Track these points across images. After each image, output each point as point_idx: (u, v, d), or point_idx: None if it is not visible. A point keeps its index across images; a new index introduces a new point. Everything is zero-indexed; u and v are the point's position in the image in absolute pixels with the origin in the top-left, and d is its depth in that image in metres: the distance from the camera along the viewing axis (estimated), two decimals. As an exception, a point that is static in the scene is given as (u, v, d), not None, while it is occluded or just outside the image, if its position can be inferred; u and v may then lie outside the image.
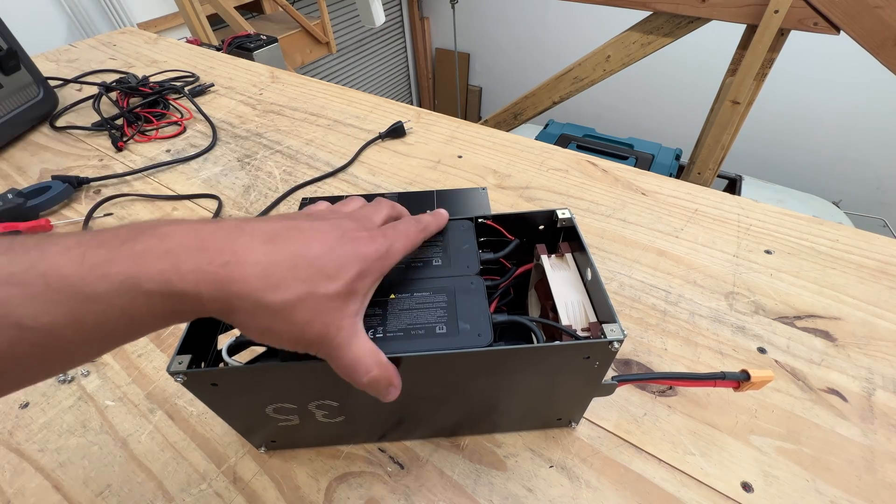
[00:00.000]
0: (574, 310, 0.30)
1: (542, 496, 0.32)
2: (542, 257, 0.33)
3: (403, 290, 0.28)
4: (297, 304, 0.21)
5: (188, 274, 0.19)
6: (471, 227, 0.32)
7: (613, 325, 0.26)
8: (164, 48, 1.03)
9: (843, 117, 2.42)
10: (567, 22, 2.99)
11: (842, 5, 1.05)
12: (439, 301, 0.27)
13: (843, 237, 0.49)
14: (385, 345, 0.25)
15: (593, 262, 0.29)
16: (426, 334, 0.26)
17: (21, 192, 0.57)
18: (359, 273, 0.23)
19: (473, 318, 0.26)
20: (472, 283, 0.28)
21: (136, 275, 0.18)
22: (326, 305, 0.22)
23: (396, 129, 0.69)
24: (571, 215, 0.33)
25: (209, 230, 0.21)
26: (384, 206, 0.29)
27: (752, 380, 0.26)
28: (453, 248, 0.31)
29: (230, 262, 0.20)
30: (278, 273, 0.21)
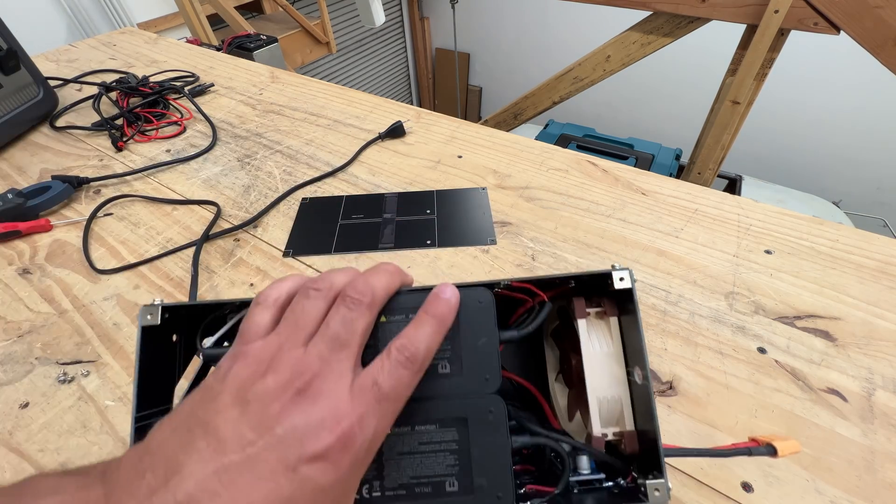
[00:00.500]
0: (609, 408, 0.24)
1: (542, 496, 0.32)
2: (578, 323, 0.25)
3: (401, 420, 0.21)
4: None
5: None
6: (490, 305, 0.23)
7: (659, 481, 0.21)
8: (164, 48, 1.03)
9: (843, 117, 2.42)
10: (567, 22, 2.99)
11: (842, 5, 1.05)
12: (448, 440, 0.22)
13: (843, 237, 0.49)
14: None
15: (648, 365, 0.23)
16: (433, 493, 0.21)
17: (21, 192, 0.57)
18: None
19: (492, 471, 0.21)
20: (490, 412, 0.22)
21: None
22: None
23: (396, 129, 0.69)
24: (632, 283, 0.23)
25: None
26: (361, 318, 0.20)
27: (778, 455, 0.22)
28: (466, 342, 0.23)
29: None
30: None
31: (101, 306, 0.47)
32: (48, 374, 0.41)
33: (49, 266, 0.52)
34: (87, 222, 0.56)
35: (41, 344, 0.44)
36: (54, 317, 0.46)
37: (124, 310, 0.46)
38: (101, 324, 0.45)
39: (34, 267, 0.52)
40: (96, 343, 0.43)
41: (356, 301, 0.20)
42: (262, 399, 0.17)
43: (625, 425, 0.23)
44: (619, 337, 0.25)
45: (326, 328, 0.20)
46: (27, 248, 0.54)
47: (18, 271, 0.51)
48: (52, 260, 0.52)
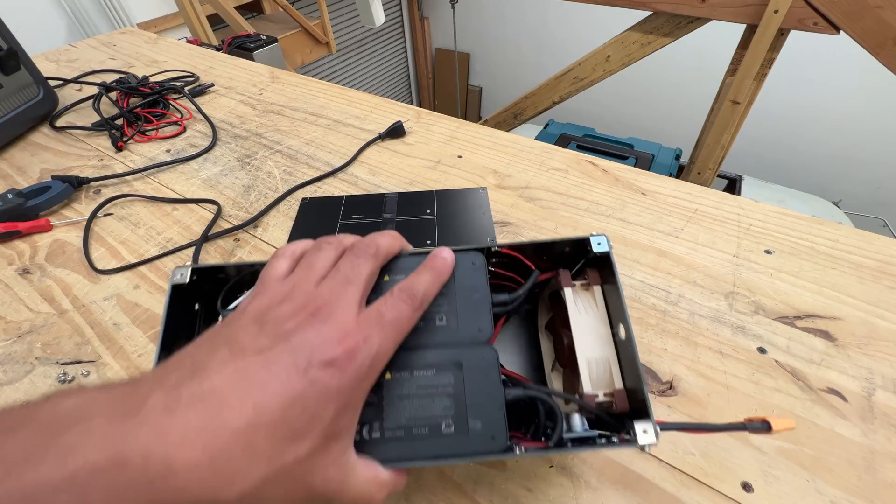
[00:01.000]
0: (598, 370, 0.25)
1: (542, 496, 0.32)
2: (565, 291, 0.27)
3: (402, 365, 0.23)
4: (264, 486, 0.17)
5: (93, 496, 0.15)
6: (482, 267, 0.26)
7: (647, 423, 0.22)
8: (164, 48, 1.03)
9: (843, 117, 2.42)
10: (567, 22, 2.99)
11: (842, 5, 1.05)
12: (445, 384, 0.23)
13: (843, 237, 0.49)
14: (384, 448, 0.22)
15: (629, 321, 0.25)
16: (430, 434, 0.22)
17: (21, 192, 0.57)
18: (337, 412, 0.19)
19: (486, 413, 0.22)
20: (483, 358, 0.24)
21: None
22: (303, 468, 0.18)
23: (396, 129, 0.69)
24: (609, 247, 0.27)
25: (124, 426, 0.16)
26: (365, 263, 0.23)
27: (773, 431, 0.23)
28: (461, 298, 0.25)
29: (156, 477, 0.15)
30: (228, 462, 0.16)
31: (101, 306, 0.47)
32: (48, 374, 0.41)
33: (49, 266, 0.52)
34: (87, 222, 0.56)
35: (41, 344, 0.44)
36: (54, 317, 0.46)
37: (124, 310, 0.46)
38: (101, 324, 0.45)
39: (34, 267, 0.52)
40: (96, 343, 0.43)
41: (363, 251, 0.23)
42: (278, 319, 0.20)
43: (614, 386, 0.25)
44: (604, 304, 0.27)
45: (336, 271, 0.22)
46: (27, 248, 0.54)
47: (18, 271, 0.51)
48: (52, 260, 0.52)
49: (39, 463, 0.15)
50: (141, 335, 0.44)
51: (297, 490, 0.18)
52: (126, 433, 0.16)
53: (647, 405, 0.22)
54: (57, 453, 0.15)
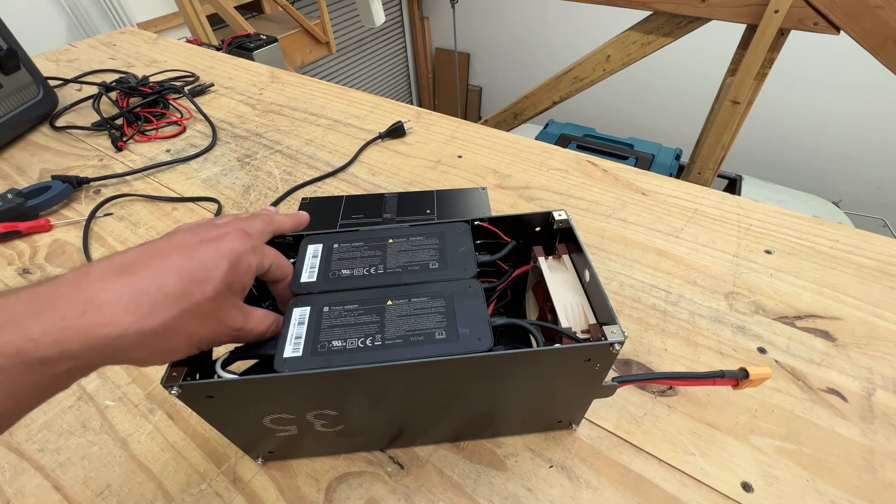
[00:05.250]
0: (573, 312, 0.29)
1: (542, 496, 0.32)
2: (539, 259, 0.33)
3: (401, 295, 0.28)
4: (181, 317, 0.21)
5: (42, 338, 0.18)
6: (467, 230, 0.32)
7: (614, 326, 0.25)
8: (164, 48, 1.03)
9: (843, 117, 2.42)
10: (567, 22, 2.99)
11: (842, 5, 1.05)
12: (437, 306, 0.27)
13: (843, 237, 0.49)
14: (384, 352, 0.25)
15: (591, 264, 0.29)
16: (425, 340, 0.25)
17: (21, 192, 0.57)
18: (231, 266, 0.24)
19: (473, 323, 0.26)
20: (469, 287, 0.28)
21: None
22: (210, 306, 0.23)
23: (396, 128, 0.69)
24: (568, 217, 0.32)
25: (51, 288, 0.20)
26: (255, 217, 0.29)
27: (750, 377, 0.26)
28: (450, 251, 0.31)
29: (86, 310, 0.19)
30: (147, 298, 0.21)
31: (101, 306, 0.47)
32: (48, 374, 0.41)
33: (49, 266, 0.52)
34: (86, 222, 0.56)
35: (41, 344, 0.44)
36: None
37: (124, 310, 0.46)
38: (101, 324, 0.45)
39: (34, 267, 0.52)
40: (96, 343, 0.43)
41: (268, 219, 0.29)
42: (178, 231, 0.26)
43: (588, 322, 0.29)
44: (574, 268, 0.32)
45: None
46: (27, 248, 0.54)
47: (18, 271, 0.51)
48: (51, 260, 0.52)
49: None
50: (141, 335, 0.44)
51: (210, 324, 0.23)
52: (54, 289, 0.20)
53: (613, 315, 0.26)
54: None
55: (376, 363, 0.24)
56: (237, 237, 0.25)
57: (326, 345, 0.25)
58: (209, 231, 0.25)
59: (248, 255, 0.25)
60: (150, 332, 0.20)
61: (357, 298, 0.28)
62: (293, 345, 0.25)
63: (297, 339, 0.26)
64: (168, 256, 0.22)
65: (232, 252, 0.24)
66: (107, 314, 0.19)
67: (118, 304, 0.20)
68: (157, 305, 0.21)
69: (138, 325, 0.20)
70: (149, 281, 0.21)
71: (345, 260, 0.30)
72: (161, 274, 0.21)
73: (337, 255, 0.31)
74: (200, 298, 0.22)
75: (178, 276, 0.22)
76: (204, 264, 0.23)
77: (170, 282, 0.21)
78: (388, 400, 0.29)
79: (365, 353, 0.25)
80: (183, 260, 0.22)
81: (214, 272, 0.23)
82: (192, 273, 0.22)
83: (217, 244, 0.24)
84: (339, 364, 0.24)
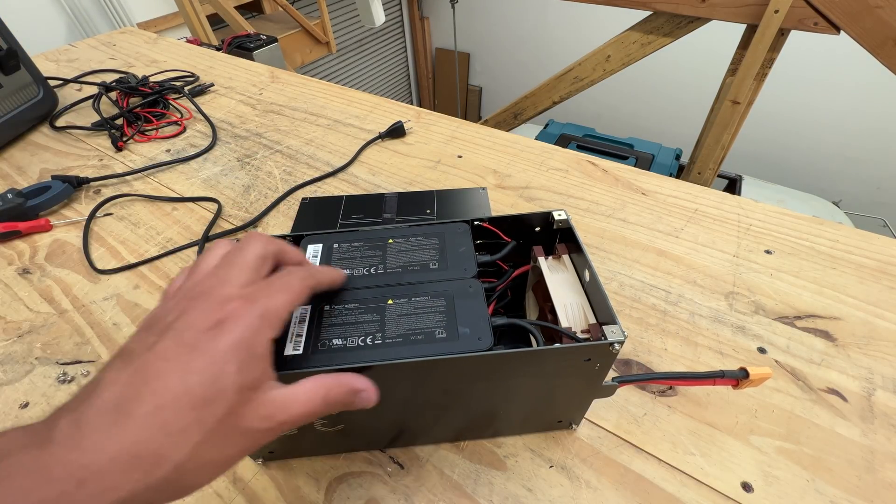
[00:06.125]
0: (573, 311, 0.29)
1: (542, 496, 0.32)
2: (539, 259, 0.33)
3: (401, 295, 0.28)
4: (195, 452, 0.18)
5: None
6: (467, 230, 0.32)
7: (614, 326, 0.25)
8: (164, 48, 1.03)
9: (843, 117, 2.42)
10: (567, 22, 2.99)
11: (842, 5, 1.05)
12: (438, 305, 0.27)
13: (843, 237, 0.49)
14: (384, 351, 0.25)
15: (591, 264, 0.29)
16: (425, 339, 0.25)
17: (21, 192, 0.57)
18: (241, 365, 0.19)
19: (473, 322, 0.26)
20: (470, 287, 0.28)
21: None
22: (228, 424, 0.19)
23: (396, 128, 0.69)
24: (568, 217, 0.32)
25: (45, 451, 0.17)
26: (250, 248, 0.23)
27: (750, 377, 0.26)
28: (450, 251, 0.31)
29: (85, 479, 0.16)
30: (151, 447, 0.17)
31: (101, 306, 0.47)
32: (48, 374, 0.41)
33: (49, 266, 0.52)
34: (86, 222, 0.56)
35: (41, 344, 0.44)
36: (54, 317, 0.46)
37: (124, 310, 0.46)
38: (101, 324, 0.45)
39: (34, 267, 0.52)
40: (96, 343, 0.43)
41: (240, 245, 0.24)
42: (159, 317, 0.21)
43: (588, 322, 0.28)
44: (573, 268, 0.32)
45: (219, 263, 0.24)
46: (27, 248, 0.54)
47: (18, 271, 0.51)
48: (51, 260, 0.52)
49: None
50: (141, 335, 0.44)
51: (238, 441, 0.19)
52: (45, 457, 0.16)
53: (613, 315, 0.26)
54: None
55: (376, 362, 0.24)
56: (238, 318, 0.20)
57: (327, 343, 0.25)
58: (198, 321, 0.20)
59: (261, 335, 0.20)
60: (163, 481, 0.17)
61: (357, 298, 0.28)
62: (294, 343, 0.25)
63: (298, 337, 0.26)
64: (161, 378, 0.18)
65: (237, 346, 0.19)
66: (107, 480, 0.16)
67: (117, 464, 0.17)
68: (162, 450, 0.17)
69: (146, 482, 0.17)
70: (147, 423, 0.17)
71: (345, 260, 0.30)
72: (159, 409, 0.18)
73: (337, 255, 0.31)
74: (212, 424, 0.18)
75: (178, 405, 0.18)
76: (204, 381, 0.18)
77: (170, 417, 0.18)
78: (388, 399, 0.29)
79: (365, 352, 0.25)
80: (178, 383, 0.18)
81: (222, 384, 0.18)
82: (193, 396, 0.18)
83: (214, 344, 0.19)
84: (339, 362, 0.24)
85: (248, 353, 0.20)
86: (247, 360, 0.19)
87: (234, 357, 0.19)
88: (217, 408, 0.18)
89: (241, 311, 0.20)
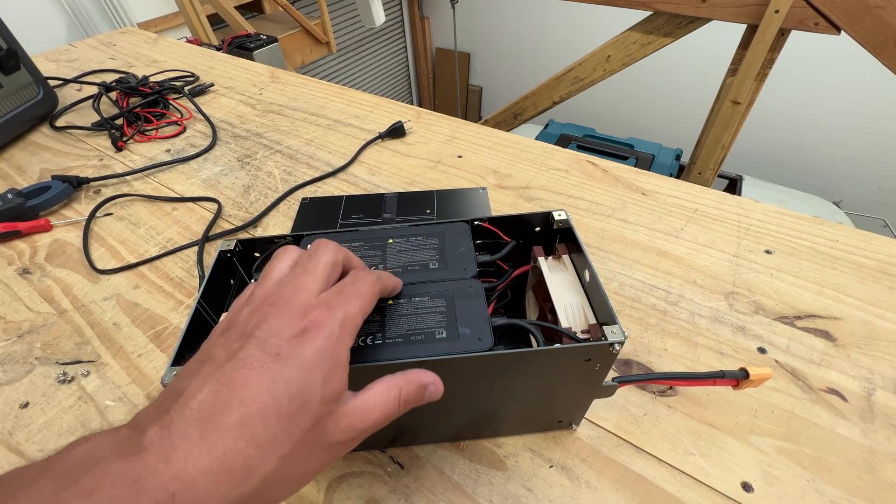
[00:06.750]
0: (573, 312, 0.29)
1: (542, 496, 0.32)
2: (539, 259, 0.33)
3: (401, 295, 0.28)
4: (281, 465, 0.18)
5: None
6: (467, 230, 0.32)
7: (614, 326, 0.25)
8: (164, 48, 1.03)
9: (843, 117, 2.42)
10: (567, 22, 2.99)
11: (842, 5, 1.05)
12: (438, 306, 0.27)
13: (843, 237, 0.49)
14: (384, 351, 0.25)
15: (591, 264, 0.29)
16: (426, 339, 0.25)
17: (21, 192, 0.57)
18: (324, 378, 0.19)
19: (473, 323, 0.26)
20: (470, 287, 0.28)
21: None
22: (314, 437, 0.19)
23: (396, 128, 0.69)
24: (568, 217, 0.32)
25: (136, 461, 0.16)
26: (322, 254, 0.23)
27: (751, 377, 0.26)
28: (450, 251, 0.31)
29: (176, 493, 0.16)
30: (240, 459, 0.17)
31: (101, 306, 0.47)
32: (48, 374, 0.41)
33: (49, 266, 0.52)
34: (86, 222, 0.56)
35: (41, 344, 0.44)
36: (54, 317, 0.46)
37: (124, 310, 0.46)
38: (101, 324, 0.45)
39: (34, 267, 0.52)
40: (96, 343, 0.43)
41: (313, 251, 0.24)
42: (240, 322, 0.21)
43: (588, 322, 0.28)
44: (574, 268, 0.32)
45: (294, 268, 0.24)
46: (27, 248, 0.54)
47: (18, 271, 0.51)
48: (51, 260, 0.52)
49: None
50: (141, 335, 0.44)
51: (320, 454, 0.19)
52: (137, 466, 0.16)
53: (613, 315, 0.26)
54: (79, 496, 0.15)
55: (377, 362, 0.24)
56: (320, 327, 0.20)
57: None
58: (282, 330, 0.19)
59: (342, 343, 0.20)
60: (251, 494, 0.17)
61: None
62: None
63: None
64: (248, 387, 0.18)
65: (321, 355, 0.19)
66: (199, 492, 0.16)
67: (209, 476, 0.16)
68: (251, 462, 0.17)
69: (236, 494, 0.17)
70: (237, 434, 0.17)
71: None
72: (246, 421, 0.17)
73: None
74: (298, 435, 0.18)
75: (266, 415, 0.18)
76: (290, 391, 0.18)
77: (258, 428, 0.17)
78: None
79: (365, 352, 0.25)
80: (264, 393, 0.18)
81: (308, 394, 0.18)
82: (280, 409, 0.18)
83: (300, 354, 0.19)
84: None
85: (331, 362, 0.19)
86: (330, 369, 0.19)
87: (319, 367, 0.19)
88: (303, 419, 0.18)
89: (323, 320, 0.20)
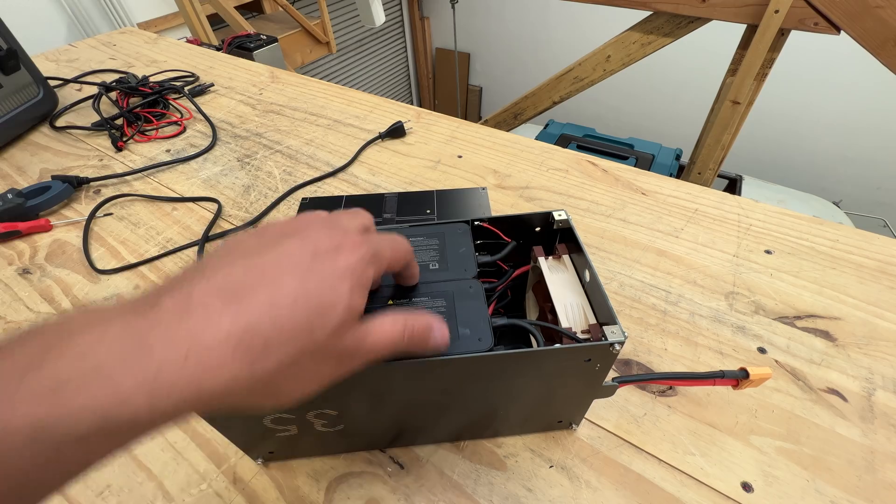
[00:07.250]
0: (573, 312, 0.29)
1: (542, 496, 0.32)
2: (539, 259, 0.33)
3: (401, 295, 0.28)
4: (298, 358, 0.18)
5: (134, 396, 0.14)
6: (467, 231, 0.32)
7: (614, 326, 0.25)
8: (164, 48, 1.03)
9: (843, 117, 2.42)
10: (567, 22, 2.99)
11: (842, 5, 1.05)
12: (438, 306, 0.27)
13: (843, 237, 0.49)
14: None
15: (591, 264, 0.29)
16: None
17: (21, 192, 0.57)
18: (352, 288, 0.19)
19: (473, 323, 0.26)
20: (470, 287, 0.28)
21: (51, 421, 0.13)
22: (331, 342, 0.19)
23: (396, 128, 0.69)
24: (568, 217, 0.32)
25: (151, 319, 0.16)
26: (361, 214, 0.24)
27: (750, 377, 0.26)
28: (450, 251, 0.31)
29: (189, 354, 0.15)
30: (260, 336, 0.17)
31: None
32: (48, 374, 0.41)
33: (49, 266, 0.52)
34: (86, 222, 0.56)
35: (41, 344, 0.44)
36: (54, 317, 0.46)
37: (124, 310, 0.46)
38: (101, 324, 0.45)
39: (34, 267, 0.52)
40: (96, 343, 0.43)
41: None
42: (278, 226, 0.21)
43: (588, 322, 0.28)
44: (574, 268, 0.32)
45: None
46: (27, 248, 0.54)
47: (18, 271, 0.51)
48: (51, 260, 0.52)
49: (59, 358, 0.14)
50: (141, 335, 0.44)
51: (331, 361, 0.19)
52: (144, 324, 0.16)
53: (613, 315, 0.26)
54: (75, 348, 0.15)
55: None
56: (356, 247, 0.21)
57: None
58: (321, 239, 0.20)
59: (370, 270, 0.21)
60: (264, 378, 0.17)
61: None
62: None
63: None
64: (279, 279, 0.18)
65: (352, 270, 0.20)
66: (214, 358, 0.16)
67: (226, 344, 0.16)
68: (270, 344, 0.17)
69: (249, 371, 0.16)
70: (261, 312, 0.17)
71: None
72: (274, 304, 0.17)
73: None
74: (320, 335, 0.18)
75: (294, 306, 0.18)
76: (321, 289, 0.18)
77: (284, 315, 0.17)
78: (388, 399, 0.29)
79: None
80: (297, 284, 0.18)
81: (335, 298, 0.19)
82: (308, 302, 0.18)
83: (334, 261, 0.19)
84: None
85: (358, 279, 0.20)
86: (357, 285, 0.20)
87: (349, 278, 0.19)
88: (327, 319, 0.18)
89: (359, 243, 0.21)
